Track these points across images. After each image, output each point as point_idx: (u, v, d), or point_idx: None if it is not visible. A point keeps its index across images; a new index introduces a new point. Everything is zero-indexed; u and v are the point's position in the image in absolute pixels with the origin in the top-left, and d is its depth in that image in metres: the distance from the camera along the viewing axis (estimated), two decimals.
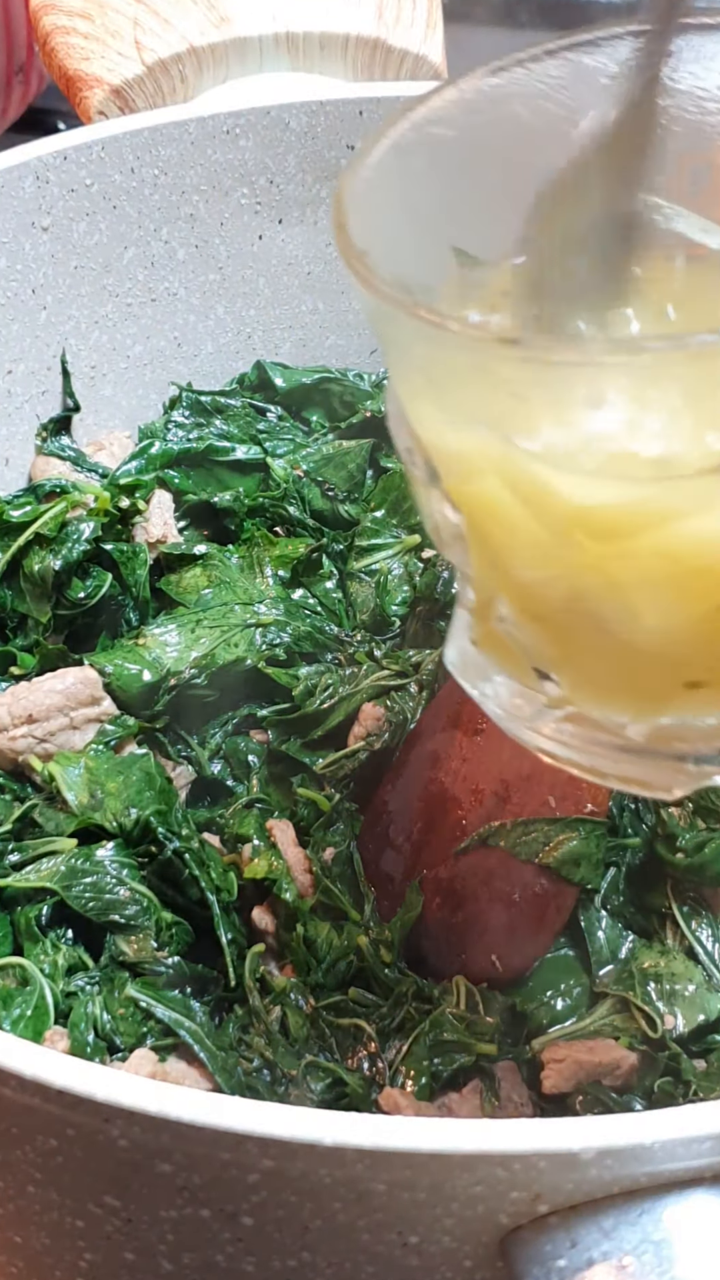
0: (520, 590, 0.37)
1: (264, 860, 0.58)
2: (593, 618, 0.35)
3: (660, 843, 0.58)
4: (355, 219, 0.34)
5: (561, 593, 0.35)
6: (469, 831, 0.56)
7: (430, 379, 0.34)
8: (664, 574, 0.33)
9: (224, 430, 0.77)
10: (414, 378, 0.35)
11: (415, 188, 0.38)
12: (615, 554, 0.33)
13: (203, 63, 0.82)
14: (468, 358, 0.31)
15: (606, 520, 0.33)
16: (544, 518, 0.33)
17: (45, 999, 0.54)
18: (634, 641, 0.35)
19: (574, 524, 0.33)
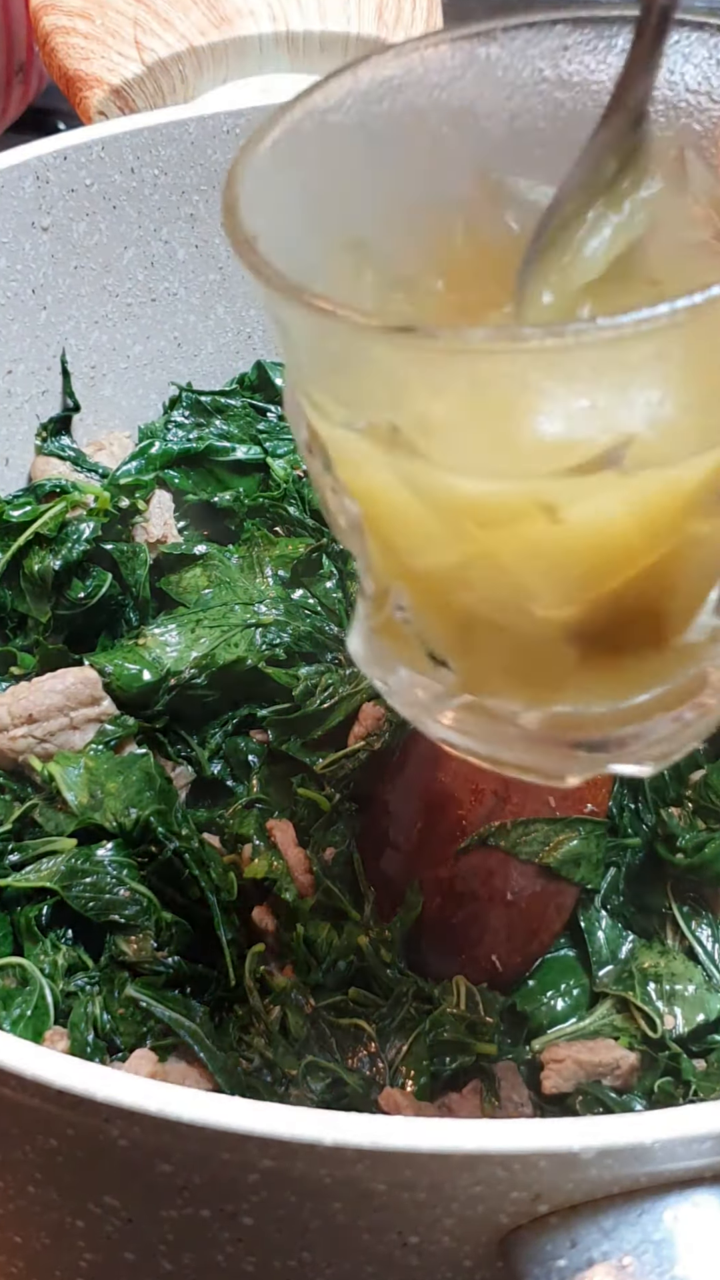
0: (415, 578, 0.37)
1: (264, 860, 0.58)
2: (484, 606, 0.35)
3: (660, 843, 0.58)
4: (247, 204, 0.34)
5: (454, 581, 0.35)
6: (469, 831, 0.56)
7: (322, 368, 0.34)
8: (550, 563, 0.33)
9: (224, 430, 0.77)
10: (307, 366, 0.34)
11: (311, 175, 0.37)
12: (503, 542, 0.33)
13: (203, 63, 0.82)
14: (355, 345, 0.31)
15: (493, 509, 0.33)
16: (434, 507, 0.33)
17: (45, 999, 0.54)
18: (524, 630, 0.35)
19: (462, 513, 0.33)
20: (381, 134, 0.38)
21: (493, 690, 0.38)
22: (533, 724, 0.37)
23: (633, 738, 0.38)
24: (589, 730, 0.38)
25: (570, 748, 0.38)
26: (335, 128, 0.37)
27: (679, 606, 0.36)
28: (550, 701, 0.37)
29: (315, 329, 0.32)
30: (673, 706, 0.38)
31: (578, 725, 0.37)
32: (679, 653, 0.37)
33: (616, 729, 0.37)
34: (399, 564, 0.37)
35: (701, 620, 0.36)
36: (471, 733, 0.39)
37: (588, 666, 0.36)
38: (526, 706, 0.37)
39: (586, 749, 0.38)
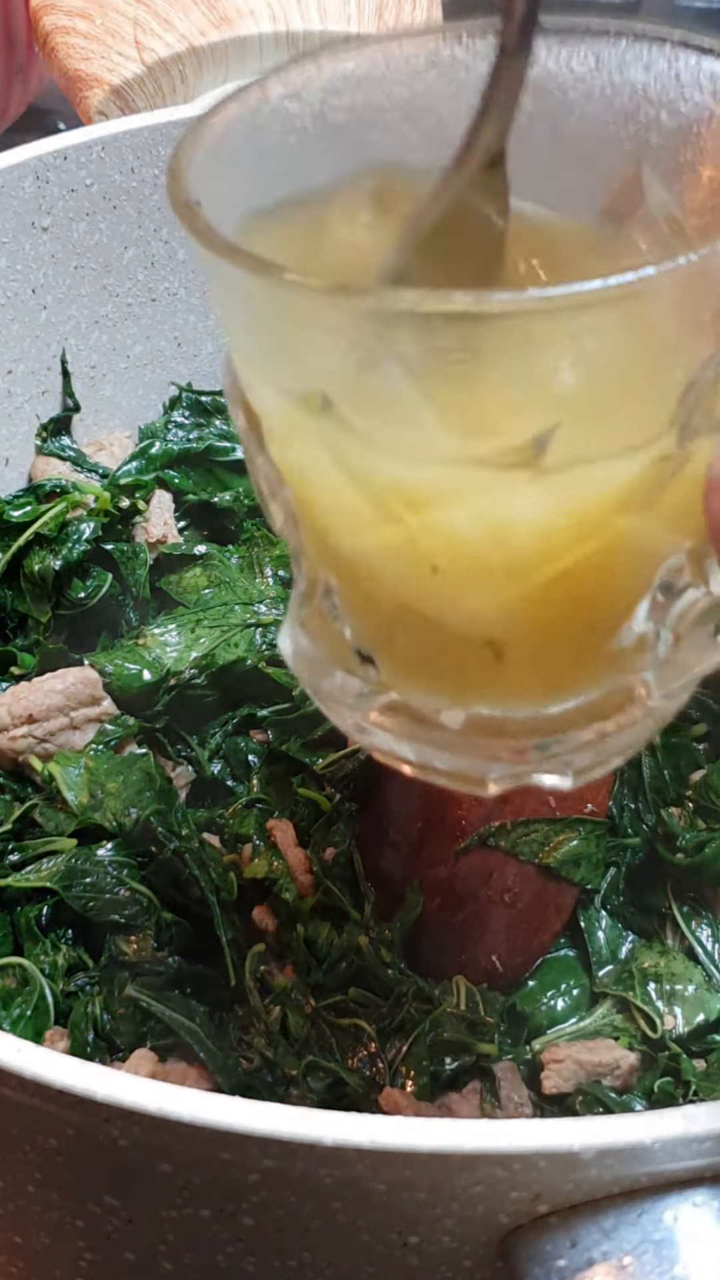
0: (343, 566, 0.36)
1: (264, 860, 0.58)
2: (408, 594, 0.35)
3: (660, 843, 0.58)
4: (193, 173, 0.33)
5: (380, 568, 0.35)
6: (469, 831, 0.56)
7: (259, 338, 0.33)
8: (472, 550, 0.33)
9: (224, 430, 0.77)
10: (244, 338, 0.34)
11: (263, 160, 0.37)
12: (426, 527, 0.33)
13: (203, 63, 0.82)
14: (290, 308, 0.31)
15: (417, 490, 0.32)
16: (361, 485, 0.33)
17: (45, 999, 0.54)
18: (447, 622, 0.35)
19: (388, 493, 0.32)
20: (338, 126, 0.38)
21: (415, 687, 0.37)
22: (454, 723, 0.37)
23: (554, 746, 0.37)
24: (511, 736, 0.37)
25: (492, 754, 0.37)
26: (292, 115, 0.37)
27: (606, 610, 0.35)
28: (471, 701, 0.37)
29: (251, 293, 0.31)
30: (596, 719, 0.37)
31: (499, 729, 0.37)
32: (605, 660, 0.36)
33: (538, 737, 0.37)
34: (328, 550, 0.36)
35: (630, 626, 0.36)
36: (396, 735, 0.38)
37: (510, 667, 0.36)
38: (448, 705, 0.37)
39: (508, 755, 0.37)
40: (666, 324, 0.30)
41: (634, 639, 0.36)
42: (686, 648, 0.37)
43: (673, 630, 0.36)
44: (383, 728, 0.38)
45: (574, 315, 0.29)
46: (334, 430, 0.32)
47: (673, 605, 0.36)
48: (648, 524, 0.33)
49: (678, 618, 0.36)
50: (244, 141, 0.36)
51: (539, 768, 0.37)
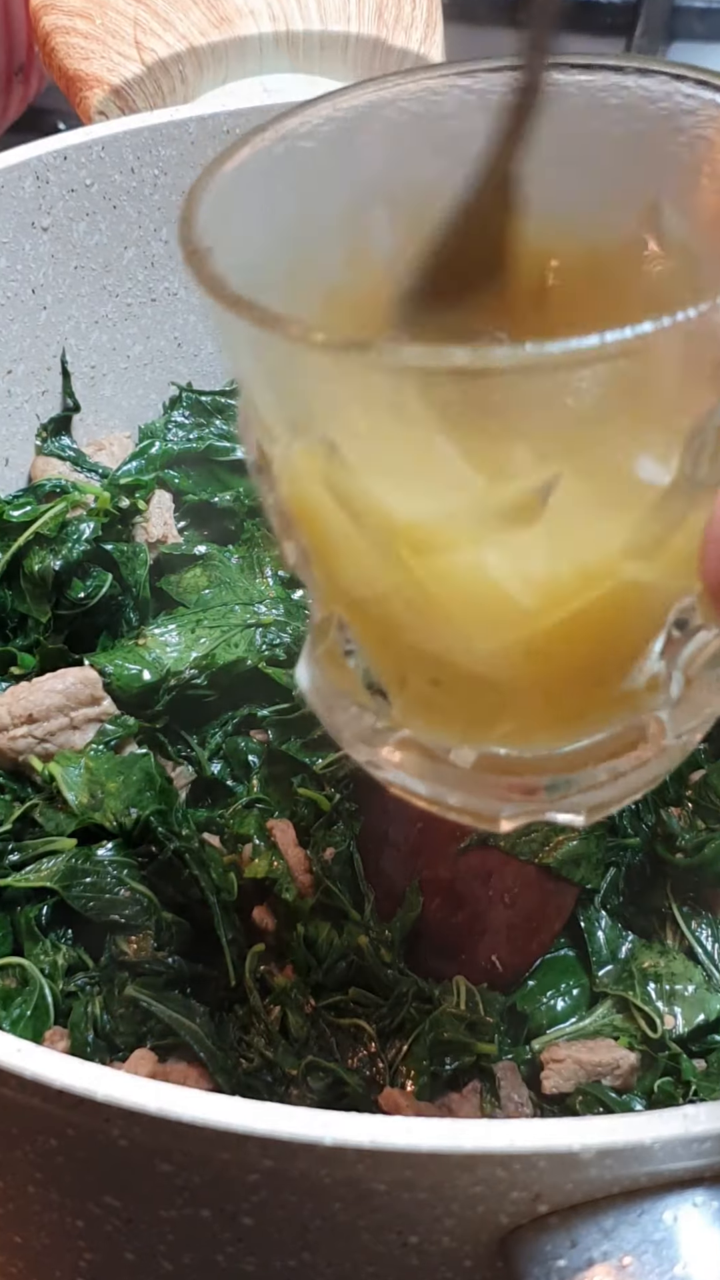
0: (355, 606, 0.36)
1: (264, 860, 0.58)
2: (418, 637, 0.35)
3: (660, 843, 0.58)
4: (204, 218, 0.33)
5: (390, 611, 0.35)
6: (469, 832, 0.56)
7: (268, 385, 0.34)
8: (479, 596, 0.33)
9: (224, 430, 0.77)
10: (254, 385, 0.34)
11: (277, 201, 0.37)
12: (432, 572, 0.33)
13: (203, 63, 0.82)
14: (296, 359, 0.31)
15: (422, 537, 0.32)
16: (368, 531, 0.33)
17: (45, 999, 0.54)
18: (456, 664, 0.35)
19: (395, 538, 0.33)
20: (355, 162, 0.38)
21: (427, 725, 0.38)
22: (465, 762, 0.37)
23: (566, 786, 0.37)
24: (522, 774, 0.37)
25: (504, 791, 0.38)
26: (308, 154, 0.37)
27: (616, 652, 0.35)
28: (483, 740, 0.37)
29: (258, 343, 0.31)
30: (608, 758, 0.37)
31: (511, 768, 0.37)
32: (617, 700, 0.36)
33: (550, 776, 0.37)
34: (339, 591, 0.37)
35: (641, 668, 0.36)
36: (410, 771, 0.38)
37: (521, 708, 0.36)
38: (460, 744, 0.37)
39: (520, 794, 0.37)
40: (668, 377, 0.30)
41: (646, 680, 0.36)
42: (699, 688, 0.37)
43: (684, 672, 0.36)
44: (396, 764, 0.39)
45: (573, 370, 0.29)
46: (339, 475, 0.32)
47: (684, 647, 0.36)
48: (654, 571, 0.33)
49: (689, 660, 0.36)
50: (257, 183, 0.36)
51: (551, 806, 0.37)
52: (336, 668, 0.38)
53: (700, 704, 0.37)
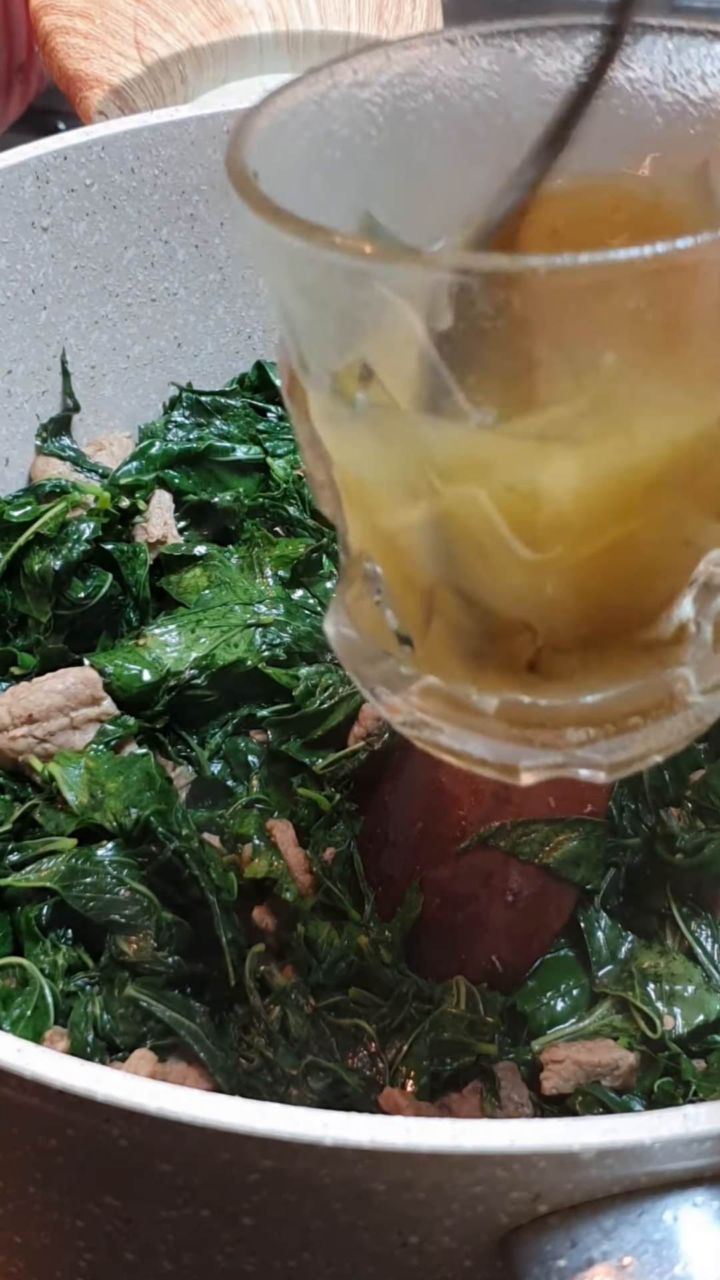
0: (384, 542, 0.36)
1: (264, 860, 0.58)
2: (446, 571, 0.35)
3: (660, 843, 0.58)
4: (254, 147, 0.34)
5: (418, 543, 0.35)
6: (469, 831, 0.56)
7: (306, 308, 0.34)
8: (508, 524, 0.33)
9: (224, 430, 0.77)
10: (292, 309, 0.34)
11: (328, 144, 0.37)
12: (462, 499, 0.33)
13: (203, 63, 0.82)
14: (338, 276, 0.31)
15: (453, 461, 0.32)
16: (399, 457, 0.33)
17: (45, 999, 0.54)
18: (483, 602, 0.35)
19: (425, 464, 0.33)
20: (408, 118, 0.38)
21: (452, 671, 0.37)
22: (488, 709, 0.37)
23: (588, 740, 0.37)
24: (544, 725, 0.37)
25: (525, 743, 0.37)
26: (361, 104, 0.37)
27: (644, 594, 0.35)
28: (506, 687, 0.37)
29: (301, 259, 0.32)
30: (633, 712, 0.37)
31: (532, 718, 0.37)
32: (643, 649, 0.36)
33: (572, 728, 0.37)
34: (371, 528, 0.36)
35: (670, 615, 0.35)
36: (433, 720, 0.38)
37: (546, 651, 0.36)
38: (483, 691, 0.37)
39: (540, 745, 0.37)
40: (708, 298, 0.30)
41: (674, 629, 0.35)
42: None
43: (714, 624, 0.36)
44: (419, 711, 0.38)
45: (611, 284, 0.28)
46: (374, 401, 0.32)
47: (715, 599, 0.35)
48: (688, 506, 0.33)
49: (718, 612, 0.36)
50: (309, 124, 0.36)
51: (572, 759, 0.37)
52: (363, 614, 0.38)
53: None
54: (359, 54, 0.37)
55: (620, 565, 0.34)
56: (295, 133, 0.36)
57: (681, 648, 0.36)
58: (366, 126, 0.37)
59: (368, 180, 0.38)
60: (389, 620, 0.38)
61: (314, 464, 0.37)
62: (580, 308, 0.29)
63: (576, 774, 0.37)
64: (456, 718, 0.38)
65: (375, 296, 0.31)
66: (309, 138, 0.36)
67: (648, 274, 0.28)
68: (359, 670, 0.40)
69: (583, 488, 0.32)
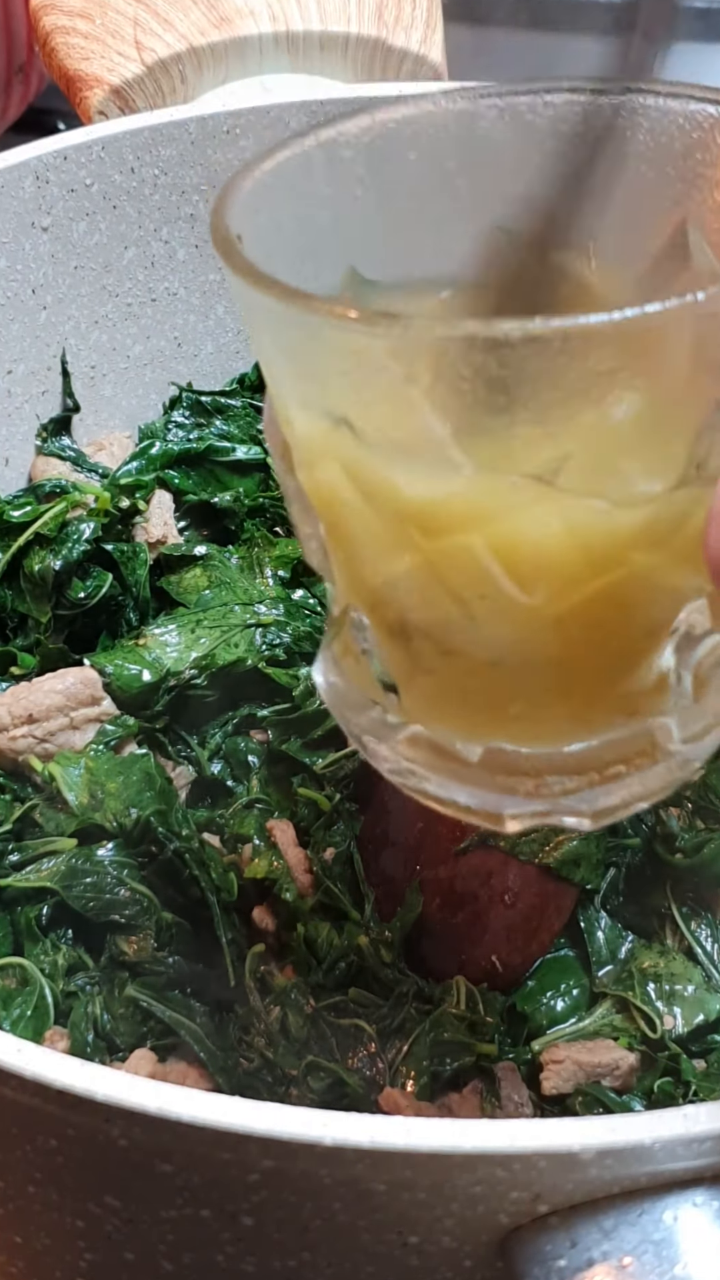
0: (369, 594, 0.37)
1: (264, 860, 0.58)
2: (428, 624, 0.35)
3: (659, 843, 0.58)
4: (237, 209, 0.34)
5: (401, 596, 0.35)
6: (469, 831, 0.56)
7: (287, 363, 0.34)
8: (486, 580, 0.33)
9: (224, 430, 0.77)
10: (273, 363, 0.35)
11: (312, 205, 0.38)
12: (442, 553, 0.33)
13: (203, 63, 0.82)
14: (312, 334, 0.32)
15: (432, 516, 0.33)
16: (381, 512, 0.33)
17: (45, 999, 0.54)
18: (465, 652, 0.35)
19: (406, 519, 0.33)
20: (392, 177, 0.38)
21: (437, 720, 0.38)
22: (472, 757, 0.37)
23: (570, 789, 0.37)
24: (526, 774, 0.37)
25: (509, 791, 0.38)
26: (345, 163, 0.38)
27: (625, 646, 0.35)
28: (490, 736, 0.37)
29: (282, 321, 0.32)
30: (616, 761, 0.37)
31: (517, 766, 0.37)
32: (624, 699, 0.36)
33: (554, 777, 0.37)
34: (356, 579, 0.37)
35: (651, 666, 0.36)
36: (419, 768, 0.39)
37: (527, 701, 0.36)
38: (467, 739, 0.37)
39: (524, 794, 0.37)
40: (676, 362, 0.30)
41: (655, 679, 0.36)
42: (708, 692, 0.37)
43: (693, 674, 0.36)
44: (406, 759, 0.39)
45: (582, 347, 0.29)
46: (355, 454, 0.33)
47: (695, 649, 0.36)
48: (664, 562, 0.33)
49: (699, 662, 0.36)
50: (293, 184, 0.37)
51: (557, 807, 0.37)
52: (351, 663, 0.39)
53: (708, 707, 0.37)
54: (342, 116, 0.38)
55: (600, 618, 0.34)
56: (280, 194, 0.37)
57: (663, 697, 0.36)
58: (351, 186, 0.38)
59: (353, 238, 0.38)
60: (375, 669, 0.38)
61: (300, 517, 0.38)
62: (545, 370, 0.30)
63: (562, 822, 0.38)
64: (442, 766, 0.38)
65: (355, 357, 0.31)
66: (293, 198, 0.37)
67: (619, 337, 0.29)
68: (346, 718, 0.40)
69: (561, 546, 0.32)
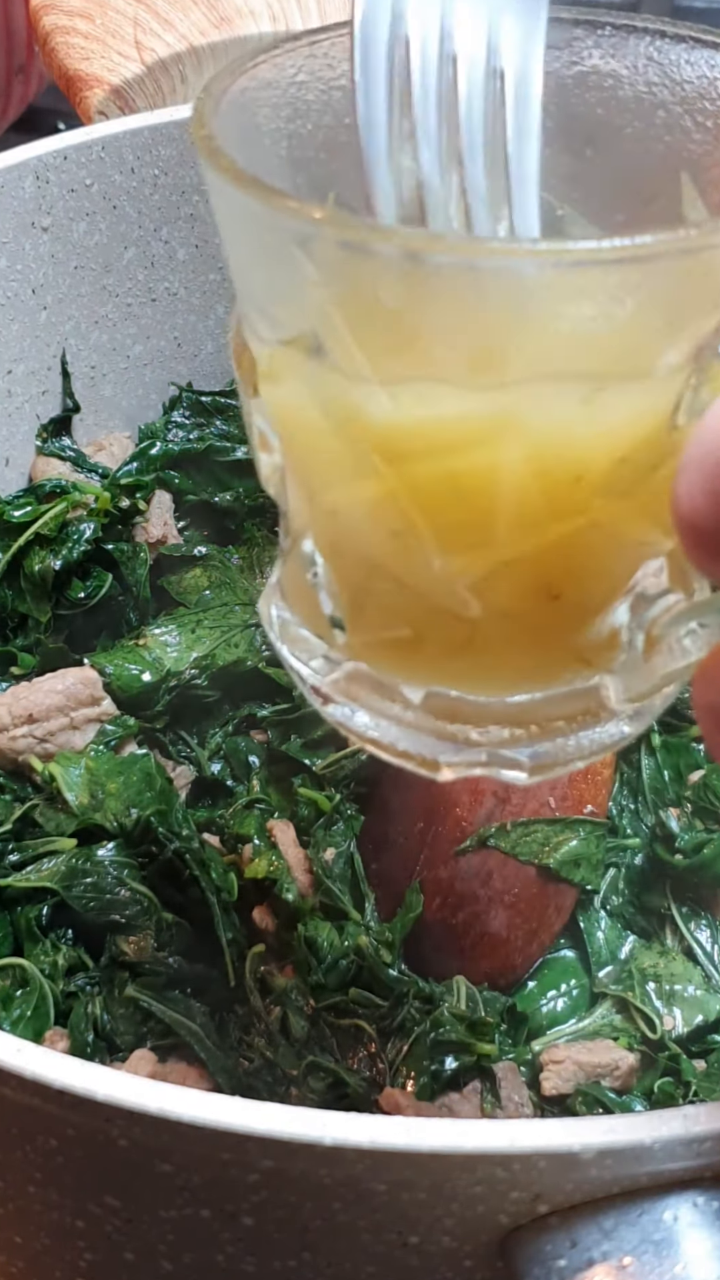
0: (323, 524, 0.36)
1: (264, 860, 0.58)
2: (382, 555, 0.34)
3: (659, 844, 0.58)
4: (222, 108, 0.33)
5: (357, 525, 0.35)
6: (469, 832, 0.56)
7: (261, 274, 0.34)
8: (447, 512, 0.32)
9: (224, 430, 0.77)
10: (247, 276, 0.34)
11: (297, 119, 0.37)
12: (404, 481, 0.32)
13: (203, 63, 0.82)
14: (290, 238, 0.31)
15: (396, 441, 0.32)
16: (344, 435, 0.33)
17: (45, 999, 0.54)
18: (417, 588, 0.34)
19: (369, 443, 0.32)
20: None
21: (381, 659, 0.37)
22: (414, 699, 0.37)
23: (511, 740, 0.37)
24: (467, 721, 0.37)
25: (449, 738, 0.37)
26: (333, 84, 0.37)
27: (580, 597, 0.35)
28: (434, 679, 0.36)
29: (259, 224, 0.31)
30: (556, 718, 0.37)
31: (457, 714, 0.37)
32: (573, 653, 0.36)
33: (495, 726, 0.37)
34: (311, 505, 0.36)
35: (604, 621, 0.35)
36: (358, 707, 0.38)
37: (476, 645, 0.35)
38: (410, 681, 0.37)
39: (464, 741, 0.37)
40: (661, 298, 0.30)
41: (605, 635, 0.35)
42: (658, 652, 0.36)
43: (646, 633, 0.36)
44: (346, 699, 0.38)
45: (560, 273, 0.28)
46: (320, 373, 0.32)
47: (650, 608, 0.35)
48: (628, 512, 0.33)
49: (652, 620, 0.36)
50: (276, 100, 0.36)
51: (495, 757, 0.37)
52: (299, 596, 0.38)
53: (656, 668, 0.36)
54: (338, 26, 0.37)
55: (556, 565, 0.33)
56: (266, 99, 0.36)
57: (612, 655, 0.36)
58: (339, 108, 0.37)
59: (338, 165, 0.37)
60: (323, 603, 0.37)
61: (261, 439, 0.37)
62: (525, 294, 0.29)
63: (498, 774, 0.37)
64: (382, 708, 0.37)
65: (330, 266, 0.31)
66: (280, 107, 0.36)
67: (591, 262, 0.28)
68: (290, 652, 0.39)
69: (524, 486, 0.32)
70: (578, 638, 0.35)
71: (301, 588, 0.38)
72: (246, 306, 0.35)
